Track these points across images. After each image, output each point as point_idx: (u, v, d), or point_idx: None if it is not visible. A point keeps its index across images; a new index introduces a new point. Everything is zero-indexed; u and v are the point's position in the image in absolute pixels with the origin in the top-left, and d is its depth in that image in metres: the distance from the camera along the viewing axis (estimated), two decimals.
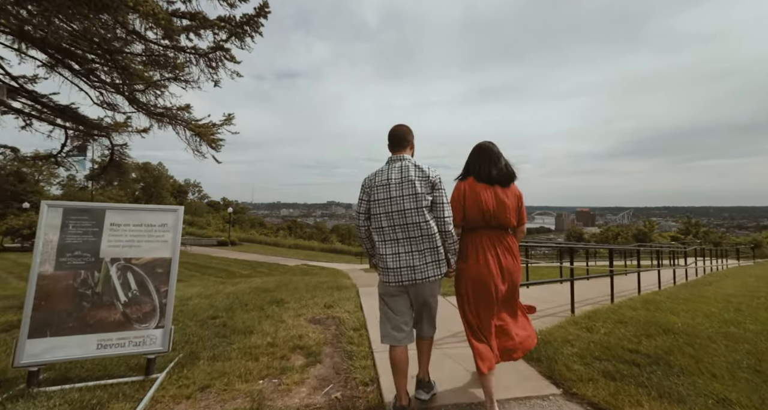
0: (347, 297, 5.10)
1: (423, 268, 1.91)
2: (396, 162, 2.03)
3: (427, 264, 1.92)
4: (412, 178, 1.94)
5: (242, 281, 8.13)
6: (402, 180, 1.95)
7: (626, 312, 4.19)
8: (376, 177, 2.04)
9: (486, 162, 2.14)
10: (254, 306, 4.58)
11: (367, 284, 7.14)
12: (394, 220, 1.94)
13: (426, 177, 1.96)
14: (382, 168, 2.07)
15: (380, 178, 2.01)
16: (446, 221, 1.96)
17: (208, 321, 3.88)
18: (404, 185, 1.94)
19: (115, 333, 2.31)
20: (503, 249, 2.11)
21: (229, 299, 5.21)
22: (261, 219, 74.24)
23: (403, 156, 2.05)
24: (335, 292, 5.74)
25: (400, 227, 1.93)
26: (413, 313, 2.05)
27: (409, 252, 1.92)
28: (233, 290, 6.21)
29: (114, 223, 2.40)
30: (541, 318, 4.16)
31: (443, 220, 1.96)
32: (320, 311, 4.30)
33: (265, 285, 7.01)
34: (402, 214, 1.92)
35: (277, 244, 33.26)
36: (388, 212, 1.95)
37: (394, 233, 1.95)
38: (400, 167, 1.99)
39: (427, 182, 1.95)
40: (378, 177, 2.03)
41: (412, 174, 1.95)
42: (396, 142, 2.09)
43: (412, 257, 1.91)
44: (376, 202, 1.99)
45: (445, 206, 1.97)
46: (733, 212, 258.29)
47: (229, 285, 7.32)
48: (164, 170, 58.81)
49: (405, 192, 1.93)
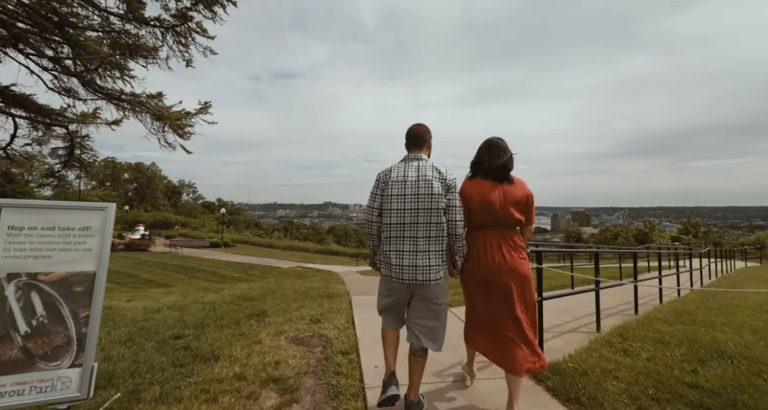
0: (338, 309, 4.48)
1: (425, 270, 1.89)
2: (413, 161, 2.01)
3: (430, 267, 1.89)
4: (430, 178, 1.92)
5: (227, 288, 7.48)
6: (419, 179, 1.93)
7: (661, 328, 3.61)
8: (392, 173, 2.01)
9: (494, 158, 2.06)
10: (230, 321, 3.96)
11: (361, 291, 6.52)
12: (405, 218, 1.92)
13: (443, 179, 1.94)
14: (399, 165, 2.04)
15: (396, 174, 1.99)
16: (458, 224, 1.94)
17: (169, 341, 3.25)
18: (421, 185, 1.92)
19: (10, 377, 1.68)
20: (509, 248, 2.02)
21: (204, 310, 4.57)
22: (257, 220, 73.41)
23: (420, 156, 2.04)
24: (325, 301, 5.12)
25: (410, 225, 1.91)
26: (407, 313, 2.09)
27: (413, 252, 1.90)
28: (213, 299, 5.57)
29: (13, 226, 1.78)
30: (561, 334, 3.57)
31: (455, 223, 1.94)
32: (305, 327, 3.68)
33: (250, 293, 6.38)
34: (415, 213, 1.91)
35: (272, 245, 32.50)
36: (400, 209, 1.93)
37: (402, 231, 1.93)
38: (417, 166, 1.98)
39: (444, 184, 1.94)
40: (394, 173, 2.01)
41: (430, 174, 1.94)
42: (414, 141, 2.08)
43: (417, 257, 1.90)
44: (389, 197, 1.97)
45: (458, 209, 1.95)
46: (726, 212, 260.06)
47: (211, 293, 6.68)
48: (157, 170, 57.87)
49: (421, 191, 1.91)
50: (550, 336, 3.44)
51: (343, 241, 61.39)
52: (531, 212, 2.11)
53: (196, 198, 66.96)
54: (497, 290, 1.99)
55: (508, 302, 1.97)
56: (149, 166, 56.82)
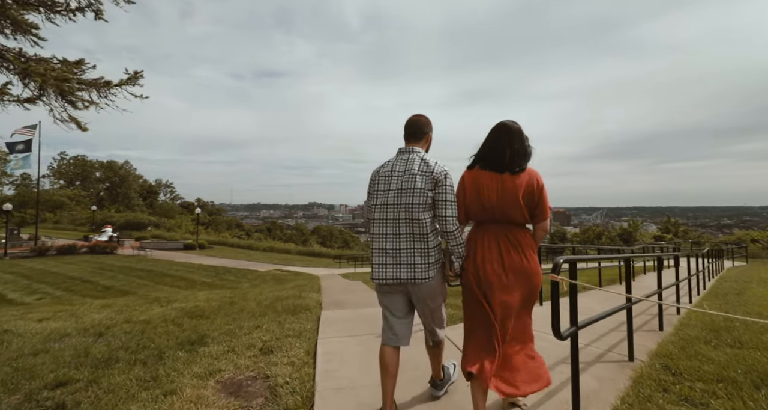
0: (300, 331, 3.54)
1: (409, 269, 1.79)
2: (404, 154, 1.92)
3: (414, 265, 1.78)
4: (414, 172, 1.82)
5: (181, 299, 6.40)
6: (405, 173, 1.84)
7: (709, 353, 2.84)
8: (382, 168, 1.95)
9: (499, 145, 1.80)
10: (152, 353, 2.97)
11: (336, 302, 5.58)
12: (388, 213, 1.84)
13: (430, 172, 1.80)
14: (390, 159, 1.97)
15: (385, 169, 1.93)
16: (447, 220, 1.79)
17: (42, 392, 2.25)
18: (405, 179, 1.83)
19: None
20: (509, 245, 1.78)
21: (129, 335, 3.56)
22: (238, 221, 71.10)
23: (413, 148, 1.93)
24: (289, 319, 4.17)
25: (393, 221, 1.82)
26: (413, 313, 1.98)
27: (396, 250, 1.81)
28: (151, 317, 4.54)
29: None
30: (587, 365, 2.74)
31: (444, 219, 1.80)
32: (250, 361, 2.73)
33: (204, 306, 5.36)
34: (397, 208, 1.81)
35: (251, 247, 31.02)
36: (384, 204, 1.85)
37: (385, 227, 1.84)
38: (406, 160, 1.89)
39: (430, 178, 1.80)
40: (383, 168, 1.94)
41: (416, 168, 1.83)
42: (410, 132, 1.98)
43: (399, 255, 1.80)
44: (376, 193, 1.91)
45: (448, 204, 1.80)
46: (697, 212, 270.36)
47: (157, 306, 5.61)
48: (131, 168, 55.14)
49: (405, 185, 1.81)
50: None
51: (328, 242, 60.19)
52: (542, 205, 1.79)
53: (173, 198, 64.25)
54: (492, 295, 1.75)
55: (508, 315, 1.74)
56: (122, 164, 54.07)
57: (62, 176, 52.62)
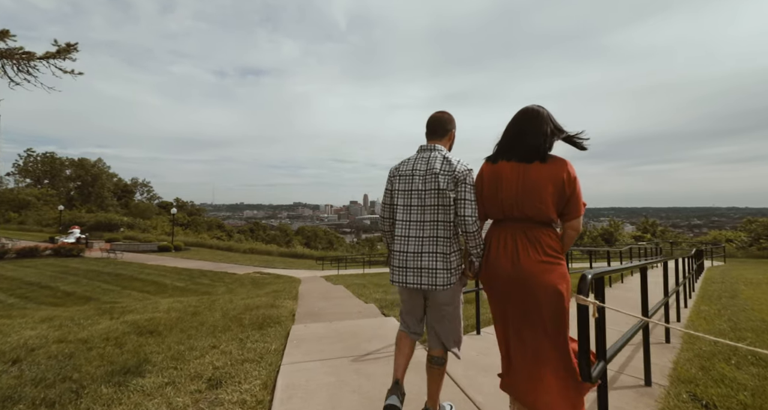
0: (262, 353, 2.98)
1: (431, 274, 1.69)
2: (425, 152, 1.82)
3: (435, 271, 1.69)
4: (437, 171, 1.71)
5: (137, 310, 5.71)
6: (426, 173, 1.74)
7: (736, 376, 2.47)
8: (402, 166, 1.85)
9: (519, 131, 1.62)
10: (66, 390, 2.36)
11: (311, 312, 5.04)
12: (410, 215, 1.76)
13: (452, 171, 1.70)
14: (410, 157, 1.86)
15: (405, 167, 1.83)
16: (467, 220, 1.67)
17: None
18: (428, 179, 1.73)
19: None
20: (526, 242, 1.55)
21: (49, 362, 2.93)
22: (220, 221, 69.03)
23: (435, 146, 1.82)
24: (253, 334, 3.62)
25: (416, 223, 1.74)
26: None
27: (418, 253, 1.72)
28: (92, 333, 3.90)
29: None
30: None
31: (464, 219, 1.67)
32: (189, 400, 2.16)
33: (162, 317, 4.73)
34: (421, 210, 1.73)
35: (231, 249, 29.88)
36: (406, 206, 1.78)
37: (407, 229, 1.76)
38: (428, 158, 1.78)
39: (452, 177, 1.69)
40: (403, 166, 1.84)
41: (438, 167, 1.72)
42: (431, 129, 1.86)
43: (422, 259, 1.71)
44: (396, 192, 1.83)
45: (467, 202, 1.68)
46: (669, 212, 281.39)
47: (106, 319, 4.93)
48: (104, 167, 52.63)
49: (428, 186, 1.72)
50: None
51: (313, 242, 59.23)
52: (573, 201, 1.54)
53: (150, 198, 61.76)
54: (509, 301, 1.57)
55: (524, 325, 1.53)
56: (95, 162, 51.52)
57: (29, 174, 49.68)
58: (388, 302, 5.49)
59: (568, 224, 1.59)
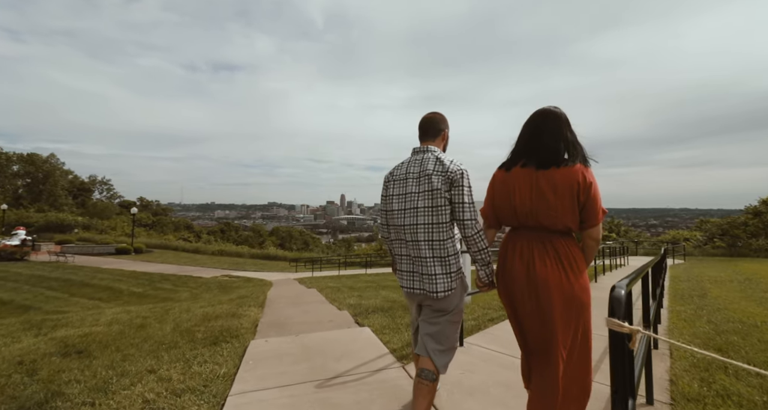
0: (209, 379, 2.49)
1: (430, 279, 1.63)
2: (418, 154, 1.77)
3: (435, 276, 1.62)
4: (430, 172, 1.66)
5: (74, 322, 4.98)
6: (420, 175, 1.69)
7: (739, 389, 2.27)
8: (396, 170, 1.82)
9: (538, 133, 1.54)
10: None
11: (277, 322, 4.54)
12: (405, 219, 1.70)
13: (445, 171, 1.63)
14: (404, 161, 1.83)
15: (399, 171, 1.80)
16: (465, 224, 1.61)
17: None
18: (422, 181, 1.67)
19: None
20: (541, 252, 1.46)
21: None
22: (189, 222, 65.79)
23: (427, 147, 1.77)
24: (204, 352, 3.10)
25: (410, 227, 1.68)
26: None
27: (417, 258, 1.67)
28: (5, 356, 3.24)
29: None
30: None
31: (462, 223, 1.62)
32: None
33: (100, 332, 4.11)
34: (414, 213, 1.67)
35: (198, 250, 28.35)
36: (401, 210, 1.72)
37: (404, 234, 1.71)
38: (421, 160, 1.73)
39: (446, 178, 1.63)
40: (398, 170, 1.81)
41: (431, 168, 1.67)
42: (424, 130, 1.83)
43: (420, 264, 1.66)
44: (391, 197, 1.78)
45: (465, 206, 1.61)
46: (629, 213, 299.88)
47: (31, 334, 4.23)
48: (58, 163, 48.73)
49: (421, 188, 1.67)
50: None
51: (287, 243, 57.75)
52: (589, 208, 1.42)
53: (111, 197, 57.85)
54: (525, 312, 1.47)
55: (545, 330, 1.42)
56: (46, 158, 47.58)
57: None
58: (362, 309, 5.08)
59: (586, 233, 1.50)
